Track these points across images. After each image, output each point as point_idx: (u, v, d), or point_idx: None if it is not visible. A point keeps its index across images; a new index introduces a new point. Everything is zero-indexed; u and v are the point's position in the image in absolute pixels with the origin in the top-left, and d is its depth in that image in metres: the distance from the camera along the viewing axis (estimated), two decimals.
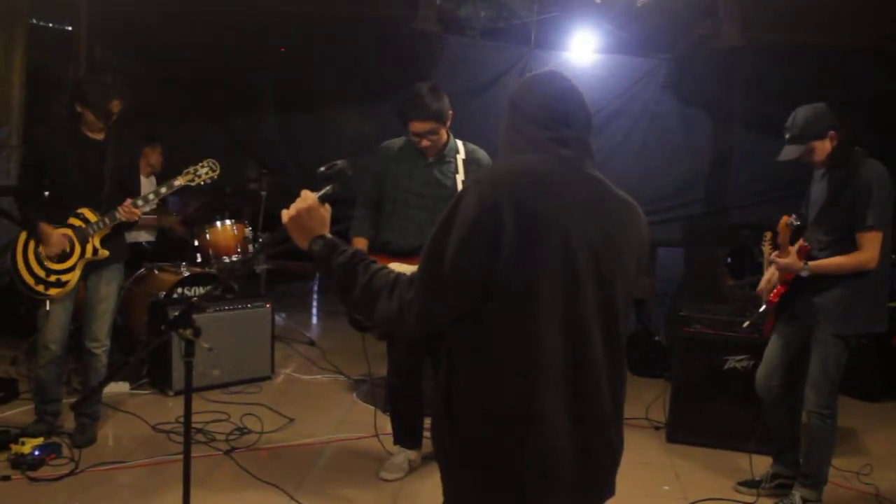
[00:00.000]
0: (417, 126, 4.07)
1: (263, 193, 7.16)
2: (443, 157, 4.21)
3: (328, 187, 2.23)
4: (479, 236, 1.91)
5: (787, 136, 4.01)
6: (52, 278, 4.44)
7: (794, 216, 4.09)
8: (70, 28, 7.75)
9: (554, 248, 1.95)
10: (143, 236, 6.79)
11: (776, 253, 4.08)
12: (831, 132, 3.94)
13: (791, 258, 3.98)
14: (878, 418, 5.86)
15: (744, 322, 4.80)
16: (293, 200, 2.19)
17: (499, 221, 1.90)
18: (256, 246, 6.31)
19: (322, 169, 2.28)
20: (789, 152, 4.00)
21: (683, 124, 8.08)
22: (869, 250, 3.87)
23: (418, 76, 4.42)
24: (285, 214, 2.17)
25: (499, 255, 1.90)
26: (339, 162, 2.29)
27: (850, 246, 3.92)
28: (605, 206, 2.09)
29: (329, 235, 2.16)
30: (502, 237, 1.90)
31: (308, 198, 2.17)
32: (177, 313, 2.44)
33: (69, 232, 4.40)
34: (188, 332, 2.63)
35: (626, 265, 2.09)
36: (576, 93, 2.15)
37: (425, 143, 4.11)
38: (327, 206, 2.19)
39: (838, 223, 3.95)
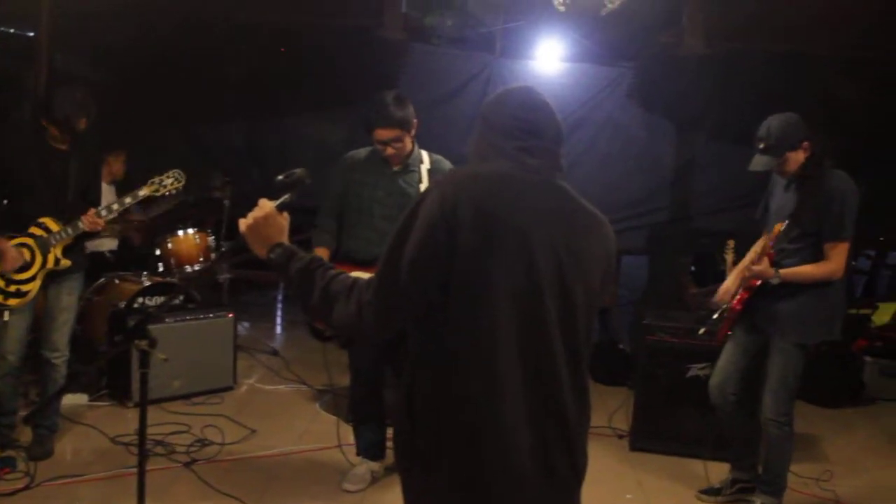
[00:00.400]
0: (382, 134, 4.06)
1: (227, 202, 7.10)
2: (407, 166, 4.20)
3: (286, 196, 2.23)
4: (437, 237, 1.91)
5: (761, 146, 3.99)
6: (12, 288, 4.36)
7: (786, 224, 4.06)
8: (31, 34, 7.64)
9: (514, 253, 1.94)
10: (106, 245, 6.70)
11: (751, 259, 4.09)
12: (805, 143, 3.96)
13: (765, 265, 3.99)
14: (837, 424, 5.92)
15: (700, 329, 4.83)
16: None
17: (457, 223, 1.90)
18: (215, 256, 6.25)
19: (280, 177, 2.29)
20: (763, 163, 4.00)
21: (647, 132, 8.12)
22: (837, 260, 3.91)
23: (384, 84, 4.40)
24: (242, 223, 2.17)
25: (456, 257, 1.90)
26: (297, 170, 2.30)
27: (815, 255, 3.95)
28: (571, 216, 2.08)
29: (287, 243, 2.16)
30: (460, 239, 1.90)
31: (265, 206, 2.17)
32: (133, 324, 2.41)
33: (30, 241, 4.33)
34: (144, 343, 2.59)
35: (590, 277, 2.08)
36: (547, 106, 2.17)
37: (390, 150, 4.11)
38: (286, 214, 2.20)
39: (806, 232, 3.98)
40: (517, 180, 2.03)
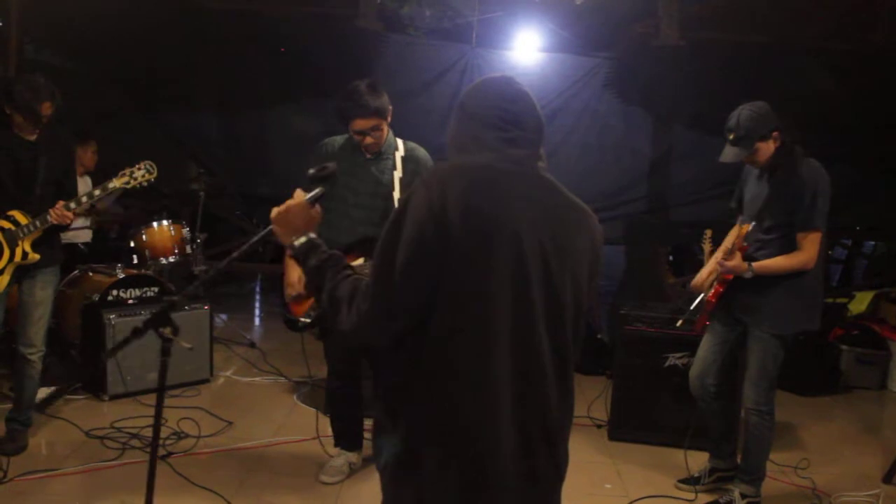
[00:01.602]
0: (360, 124, 4.03)
1: (202, 193, 7.04)
2: (381, 154, 4.17)
3: (318, 189, 2.28)
4: (427, 237, 1.87)
5: (731, 136, 3.98)
6: None
7: (753, 224, 4.07)
8: (0, 24, 7.53)
9: (505, 251, 1.92)
10: (81, 237, 6.63)
11: (722, 255, 4.08)
12: (775, 132, 3.95)
13: (737, 261, 3.98)
14: (815, 413, 5.96)
15: (678, 321, 4.83)
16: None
17: (448, 222, 1.87)
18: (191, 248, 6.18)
19: (312, 171, 2.34)
20: (733, 154, 3.98)
21: (625, 123, 8.11)
22: (809, 250, 3.91)
23: (361, 74, 4.36)
24: (274, 211, 2.21)
25: (448, 256, 1.87)
26: (329, 164, 2.37)
27: (788, 245, 3.95)
28: (558, 210, 2.06)
29: (313, 235, 2.19)
30: (451, 238, 1.87)
31: (299, 196, 2.21)
32: (155, 311, 2.40)
33: None
34: (168, 331, 2.54)
35: (577, 272, 2.06)
36: (528, 96, 2.14)
37: (368, 139, 4.08)
38: (318, 207, 2.24)
39: (779, 223, 3.98)
40: (503, 174, 2.00)
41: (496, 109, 2.09)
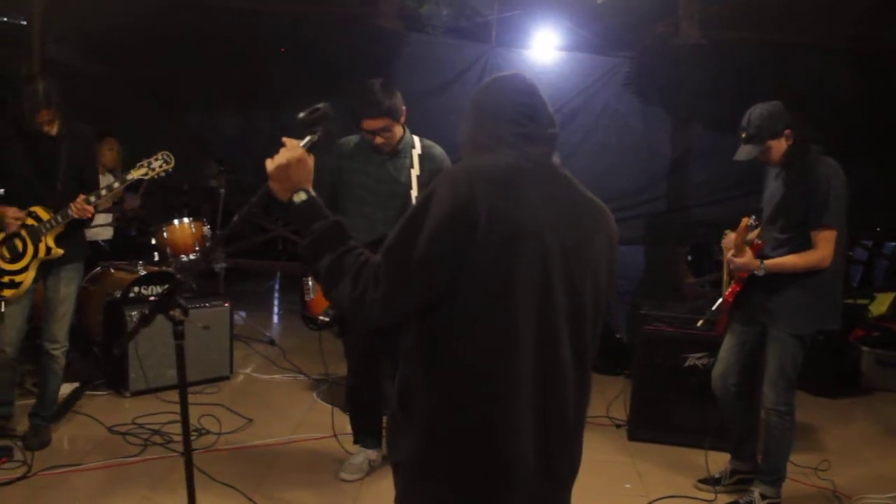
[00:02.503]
0: (370, 123, 4.04)
1: (222, 191, 7.08)
2: (398, 152, 4.18)
3: (312, 135, 2.09)
4: (452, 229, 1.87)
5: (743, 135, 4.01)
6: (6, 279, 4.34)
7: (753, 218, 4.09)
8: (24, 23, 7.59)
9: (529, 252, 1.91)
10: (102, 234, 6.68)
11: (732, 252, 4.08)
12: (787, 131, 3.95)
13: (747, 258, 3.99)
14: (835, 414, 5.93)
15: (699, 320, 4.82)
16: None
17: (474, 217, 1.87)
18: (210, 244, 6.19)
19: (302, 115, 2.12)
20: (745, 152, 4.01)
21: (644, 122, 8.09)
22: (823, 249, 3.89)
23: (379, 73, 4.38)
24: (270, 163, 2.05)
25: (469, 253, 1.87)
26: (320, 105, 2.13)
27: (804, 244, 3.94)
28: (576, 208, 2.06)
29: (312, 192, 2.07)
30: (476, 235, 1.87)
31: (294, 146, 2.06)
32: (159, 295, 2.32)
33: (22, 231, 4.30)
34: (178, 312, 2.50)
35: (597, 270, 2.06)
36: (539, 91, 2.14)
37: (379, 140, 4.09)
38: (312, 156, 2.08)
39: (794, 221, 3.97)
40: (524, 174, 1.99)
41: (512, 104, 2.09)
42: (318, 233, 2.00)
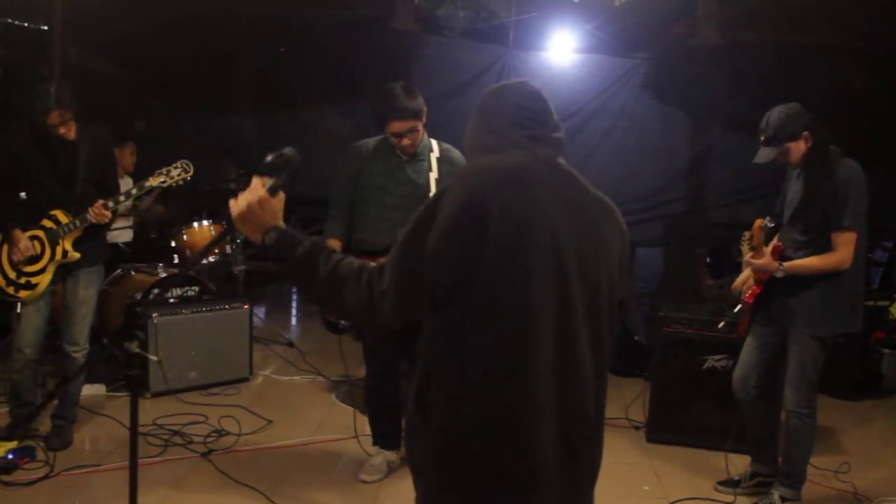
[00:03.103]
0: (397, 126, 4.06)
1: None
2: (416, 155, 4.20)
3: (275, 179, 2.12)
4: (463, 229, 1.88)
5: (762, 137, 4.00)
6: (23, 280, 4.38)
7: (768, 218, 4.08)
8: (45, 27, 7.66)
9: (542, 250, 1.92)
10: (122, 237, 6.73)
11: (751, 254, 4.07)
12: (805, 132, 3.93)
13: (766, 259, 3.97)
14: (855, 416, 5.90)
15: (720, 322, 4.80)
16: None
17: (485, 217, 1.87)
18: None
19: (269, 158, 2.15)
20: (764, 154, 4.00)
21: (662, 124, 8.07)
22: (843, 251, 3.87)
23: (397, 76, 4.40)
24: (234, 207, 2.07)
25: (482, 253, 1.87)
26: (286, 150, 2.16)
27: (825, 246, 3.92)
28: (588, 206, 2.07)
29: (283, 226, 2.08)
30: (488, 234, 1.87)
31: (257, 189, 2.07)
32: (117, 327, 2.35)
33: (40, 234, 4.34)
34: (134, 345, 2.53)
35: (610, 267, 2.07)
36: (544, 97, 2.16)
37: (406, 141, 4.10)
38: (281, 195, 2.10)
39: (814, 223, 3.95)
40: (533, 172, 2.01)
41: (521, 108, 2.11)
42: (303, 255, 2.01)
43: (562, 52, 7.96)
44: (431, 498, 2.07)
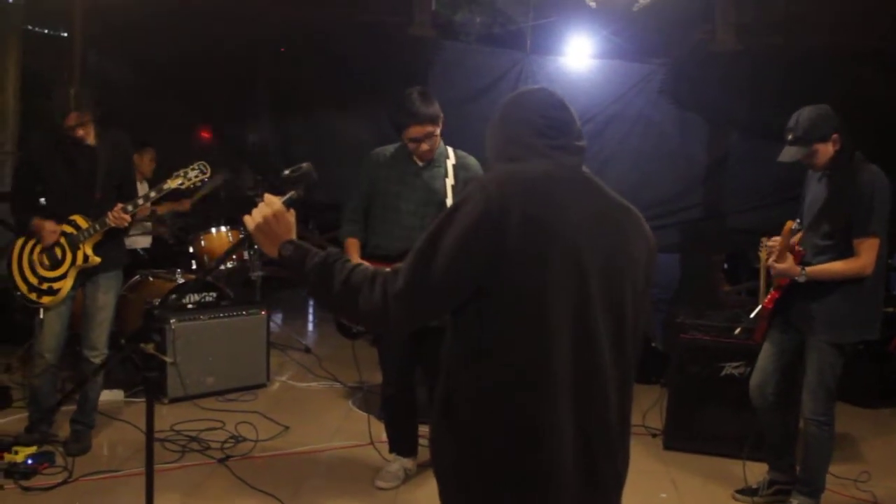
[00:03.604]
0: (416, 131, 4.05)
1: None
2: (433, 161, 4.20)
3: (293, 192, 2.17)
4: (481, 238, 1.87)
5: (790, 136, 3.94)
6: (45, 286, 4.42)
7: (798, 221, 4.05)
8: (65, 34, 7.73)
9: (564, 260, 1.91)
10: (139, 243, 6.77)
11: (774, 257, 4.04)
12: (834, 135, 3.90)
13: (788, 263, 3.95)
14: (876, 425, 5.85)
15: (736, 328, 4.77)
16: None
17: (504, 226, 1.86)
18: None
19: (286, 172, 2.21)
20: (791, 153, 3.94)
21: (680, 129, 8.06)
22: (866, 256, 3.84)
23: (414, 81, 4.41)
24: (250, 221, 2.11)
25: (501, 262, 1.87)
26: (303, 165, 2.22)
27: (846, 251, 3.89)
28: (613, 217, 2.05)
29: (297, 240, 2.11)
30: (507, 244, 1.86)
31: (273, 203, 2.11)
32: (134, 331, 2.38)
33: (61, 239, 4.38)
34: (150, 347, 2.55)
35: (636, 275, 2.06)
36: (568, 105, 2.14)
37: (424, 146, 4.10)
38: (292, 210, 2.14)
39: (836, 228, 3.91)
40: (558, 182, 2.00)
41: (543, 118, 2.09)
42: (318, 265, 2.02)
43: (579, 57, 7.97)
44: (453, 499, 2.08)
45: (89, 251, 4.43)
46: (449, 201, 4.11)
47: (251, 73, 8.56)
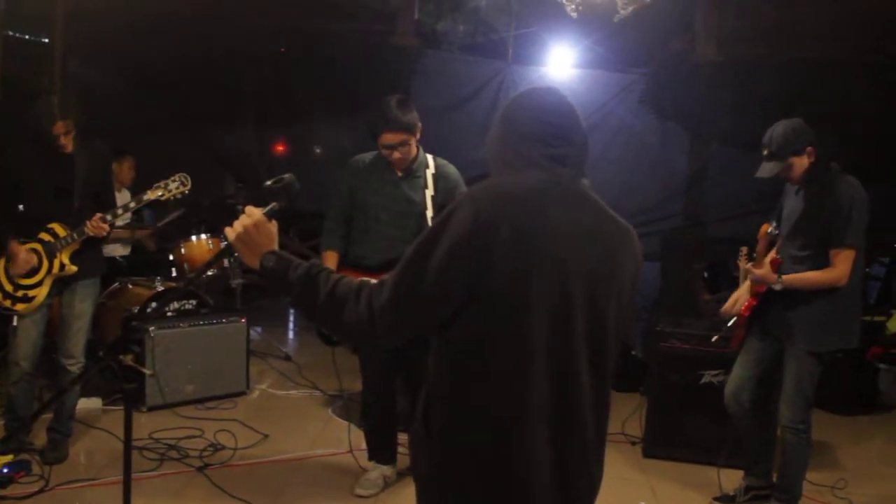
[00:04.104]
0: (388, 138, 4.06)
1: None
2: (412, 171, 4.20)
3: (274, 203, 2.16)
4: (469, 251, 1.87)
5: (765, 152, 3.99)
6: (20, 293, 4.38)
7: (774, 224, 4.09)
8: (46, 40, 7.69)
9: (549, 277, 1.91)
10: (118, 251, 6.73)
11: (752, 263, 4.08)
12: (809, 148, 3.94)
13: (765, 270, 3.98)
14: (852, 432, 5.89)
15: (713, 336, 4.80)
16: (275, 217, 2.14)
17: (492, 242, 1.86)
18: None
19: (268, 183, 2.19)
20: (767, 169, 3.99)
21: (661, 139, 8.11)
22: (842, 267, 3.88)
23: (397, 90, 4.42)
24: (231, 232, 2.09)
25: (487, 275, 1.87)
26: (286, 176, 2.21)
27: (823, 261, 3.92)
28: (602, 232, 2.04)
29: (279, 251, 2.09)
30: (494, 258, 1.86)
31: (254, 214, 2.09)
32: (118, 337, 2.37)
33: (38, 247, 4.35)
34: (129, 358, 2.55)
35: (620, 293, 2.05)
36: (573, 110, 2.11)
37: (396, 155, 4.09)
38: (274, 221, 2.13)
39: (814, 239, 3.95)
40: (550, 196, 1.97)
41: (542, 124, 2.06)
42: (302, 277, 2.02)
43: (560, 67, 8.01)
44: None
45: (66, 260, 4.40)
46: (429, 212, 4.11)
47: (234, 81, 8.54)
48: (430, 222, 4.04)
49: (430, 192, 4.15)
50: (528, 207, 1.93)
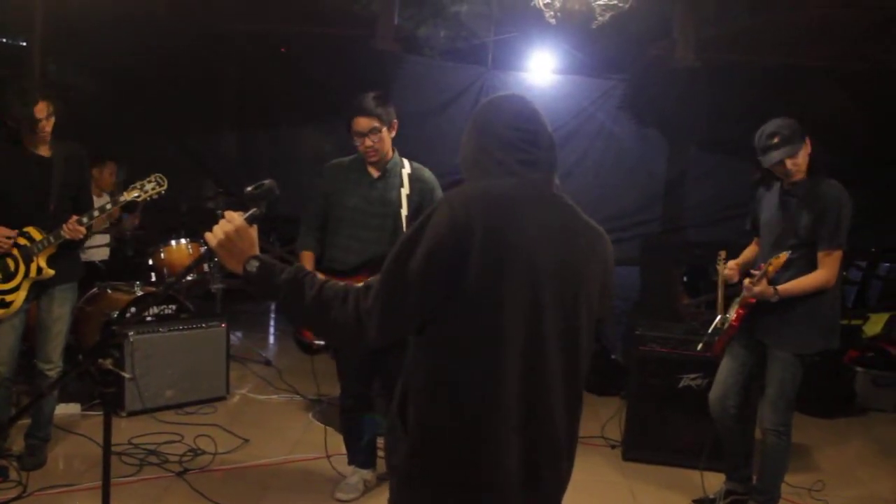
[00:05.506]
0: (360, 122, 4.05)
1: (219, 212, 7.07)
2: (387, 172, 4.20)
3: (255, 209, 2.17)
4: (445, 253, 1.91)
5: (775, 140, 3.93)
6: None
7: (790, 252, 4.01)
8: (24, 43, 7.64)
9: (520, 277, 1.95)
10: (98, 255, 6.69)
11: (748, 280, 4.05)
12: (807, 138, 3.98)
13: (762, 286, 3.96)
14: (829, 434, 5.94)
15: (697, 343, 4.82)
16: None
17: (467, 243, 1.91)
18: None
19: (249, 189, 2.20)
20: (779, 154, 3.92)
21: (639, 144, 8.17)
22: (830, 269, 3.91)
23: None
24: (212, 238, 2.10)
25: (463, 275, 1.91)
26: (266, 181, 2.22)
27: (809, 264, 3.95)
28: (573, 234, 2.08)
29: (262, 255, 2.11)
30: (469, 258, 1.91)
31: (234, 219, 2.11)
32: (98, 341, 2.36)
33: (14, 251, 4.30)
34: (108, 362, 2.54)
35: (590, 293, 2.10)
36: (540, 115, 2.16)
37: (367, 142, 4.07)
38: (255, 226, 2.14)
39: (800, 242, 3.98)
40: (522, 199, 2.03)
41: (514, 130, 2.10)
42: (288, 281, 2.04)
43: (540, 72, 8.04)
44: (403, 495, 2.13)
45: (43, 263, 4.36)
46: (404, 211, 4.11)
47: (214, 86, 8.52)
48: (404, 221, 4.06)
49: (405, 191, 4.15)
50: (503, 211, 1.98)
